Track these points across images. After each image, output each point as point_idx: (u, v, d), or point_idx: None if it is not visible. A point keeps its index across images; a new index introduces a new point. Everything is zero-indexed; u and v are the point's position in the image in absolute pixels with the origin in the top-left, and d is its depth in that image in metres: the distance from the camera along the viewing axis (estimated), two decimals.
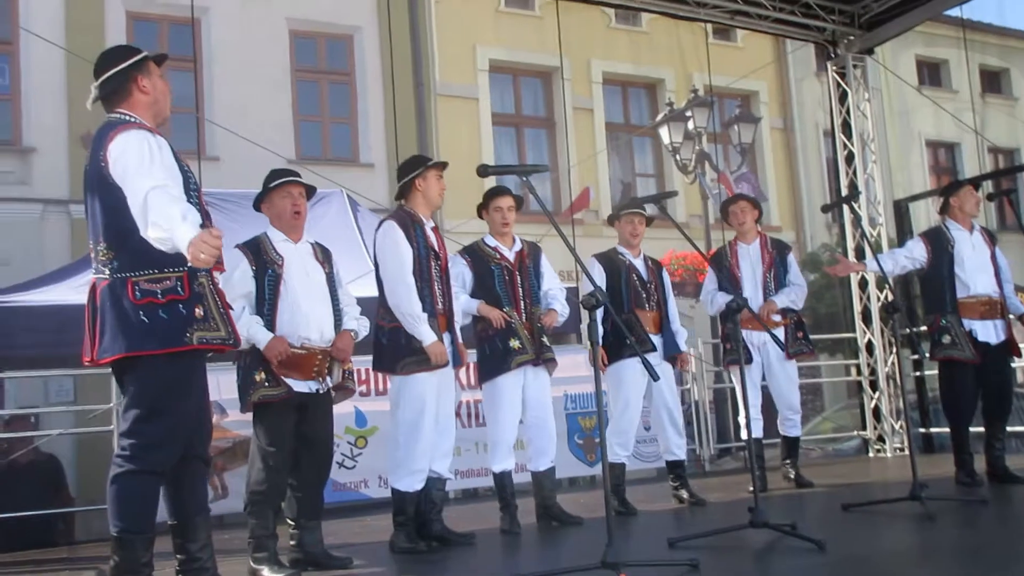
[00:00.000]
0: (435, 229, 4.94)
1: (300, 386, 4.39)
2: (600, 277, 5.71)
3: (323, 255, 4.65)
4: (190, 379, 3.36)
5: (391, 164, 12.94)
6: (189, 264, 3.15)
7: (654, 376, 3.91)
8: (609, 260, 5.88)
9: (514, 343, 5.15)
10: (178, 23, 11.98)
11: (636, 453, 6.05)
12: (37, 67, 11.93)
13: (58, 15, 12.12)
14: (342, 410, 6.83)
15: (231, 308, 3.70)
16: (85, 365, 3.44)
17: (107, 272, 3.30)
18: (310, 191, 4.67)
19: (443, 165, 5.00)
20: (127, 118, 3.41)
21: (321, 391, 4.48)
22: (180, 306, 3.27)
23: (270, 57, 13.51)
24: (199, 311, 3.32)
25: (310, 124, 14.18)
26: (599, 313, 3.69)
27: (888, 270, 5.99)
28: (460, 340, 4.95)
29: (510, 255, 5.32)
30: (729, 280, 6.35)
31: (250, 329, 4.29)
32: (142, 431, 3.26)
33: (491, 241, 5.37)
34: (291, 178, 4.62)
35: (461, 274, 5.28)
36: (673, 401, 5.94)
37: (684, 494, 5.95)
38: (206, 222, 3.32)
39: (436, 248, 4.86)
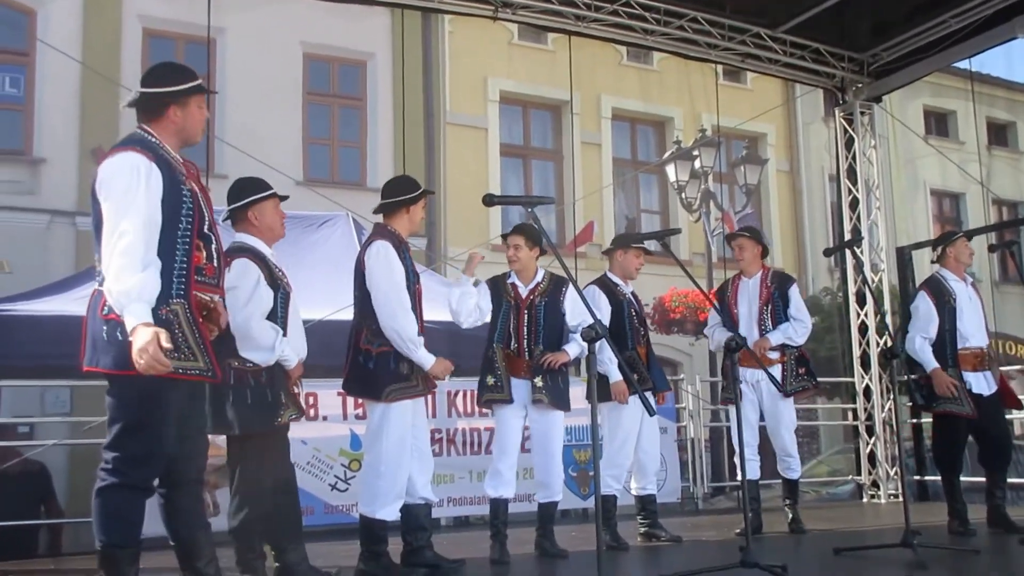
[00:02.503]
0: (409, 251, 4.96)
1: None
2: (606, 310, 5.75)
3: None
4: (164, 399, 3.21)
5: None
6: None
7: (651, 412, 3.93)
8: (611, 293, 5.87)
9: (489, 380, 5.25)
10: (194, 42, 12.05)
11: (627, 487, 6.00)
12: (52, 79, 12.04)
13: (75, 29, 12.25)
14: (338, 432, 6.88)
15: (224, 329, 3.61)
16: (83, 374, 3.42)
17: (97, 284, 3.27)
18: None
19: (431, 193, 5.10)
20: (140, 137, 3.38)
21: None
22: None
23: (283, 79, 13.64)
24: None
25: (319, 147, 14.29)
26: (604, 345, 3.69)
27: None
28: None
29: (523, 292, 5.37)
30: (728, 316, 6.34)
31: (286, 349, 4.25)
32: (122, 445, 3.21)
33: (512, 277, 5.43)
34: (274, 191, 4.48)
35: (484, 296, 5.33)
36: (656, 436, 6.08)
37: (661, 533, 5.88)
38: (202, 254, 3.36)
39: (416, 272, 4.89)
